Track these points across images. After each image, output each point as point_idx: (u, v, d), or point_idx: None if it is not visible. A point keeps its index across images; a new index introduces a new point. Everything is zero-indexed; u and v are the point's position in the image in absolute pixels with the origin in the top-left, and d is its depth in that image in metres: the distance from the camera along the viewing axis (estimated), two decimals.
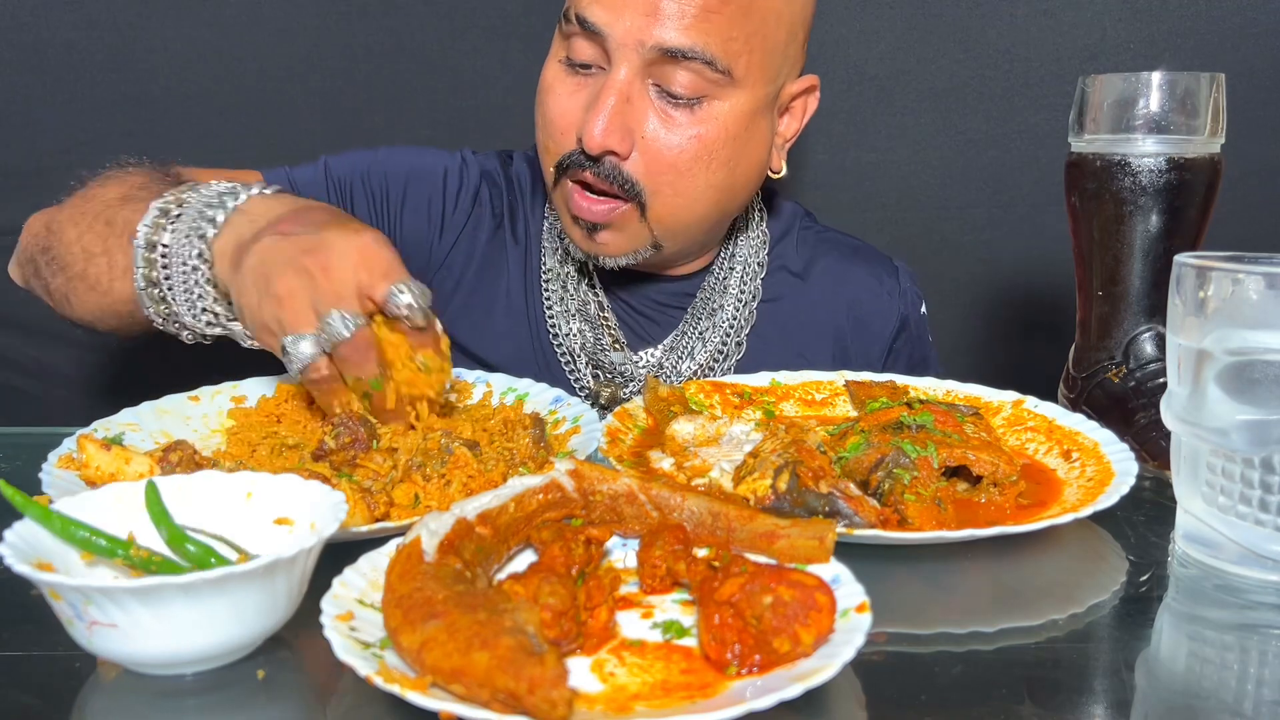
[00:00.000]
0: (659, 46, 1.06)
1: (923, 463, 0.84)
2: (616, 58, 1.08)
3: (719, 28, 1.08)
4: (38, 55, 1.77)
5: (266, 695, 0.60)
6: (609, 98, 1.08)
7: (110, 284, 1.02)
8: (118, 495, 0.67)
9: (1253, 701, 0.61)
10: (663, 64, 1.08)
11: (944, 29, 1.81)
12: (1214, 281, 0.74)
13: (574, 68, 1.13)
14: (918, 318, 1.42)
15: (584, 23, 1.09)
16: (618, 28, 1.07)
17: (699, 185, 1.14)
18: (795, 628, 0.57)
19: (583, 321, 1.28)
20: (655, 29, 1.06)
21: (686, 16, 1.06)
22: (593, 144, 1.08)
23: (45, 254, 1.08)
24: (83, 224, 1.05)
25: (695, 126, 1.11)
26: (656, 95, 1.10)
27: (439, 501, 0.79)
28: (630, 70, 1.08)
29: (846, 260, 1.40)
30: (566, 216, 1.18)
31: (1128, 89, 1.02)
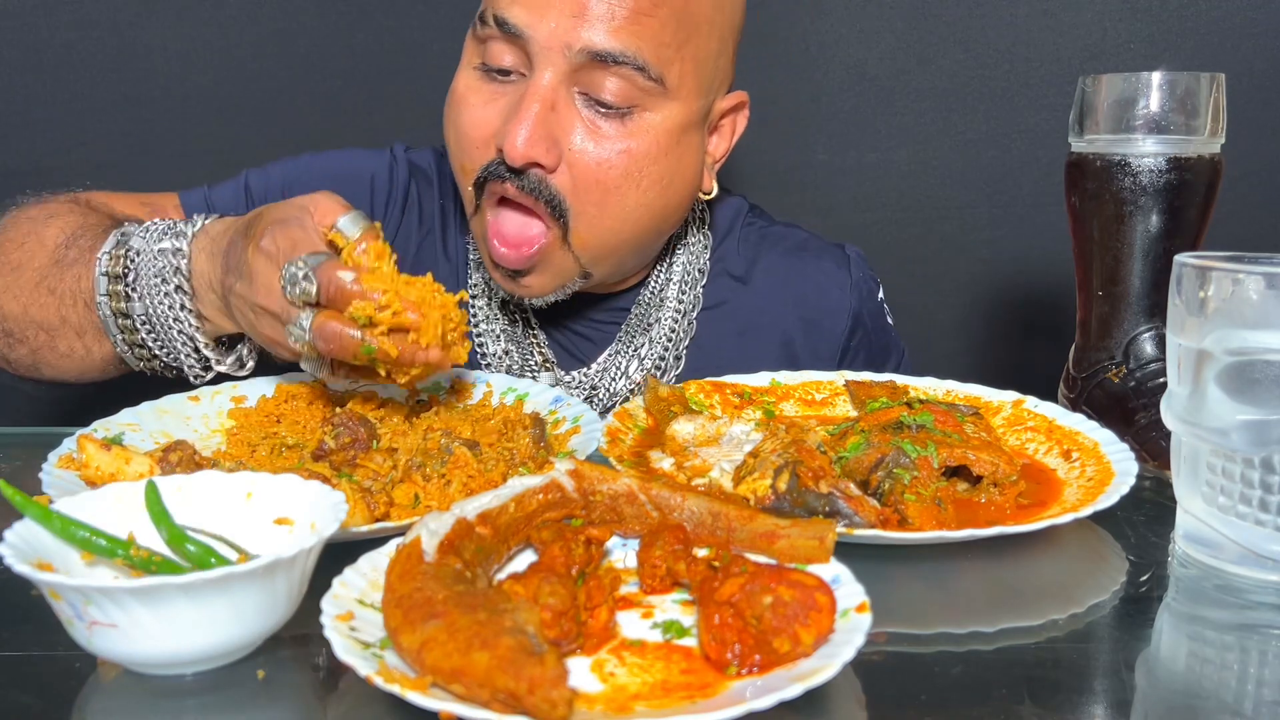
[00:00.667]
0: (587, 50, 0.99)
1: (923, 463, 0.84)
2: (540, 62, 1.01)
3: (651, 32, 1.01)
4: (38, 55, 1.77)
5: (266, 695, 0.60)
6: (532, 104, 1.00)
7: (88, 350, 1.02)
8: (118, 495, 0.67)
9: (1253, 701, 0.61)
10: (590, 70, 1.01)
11: (944, 29, 1.81)
12: (1214, 281, 0.74)
13: (490, 74, 1.05)
14: (873, 308, 1.34)
15: (503, 24, 1.01)
16: (542, 29, 0.99)
17: (628, 205, 1.06)
18: (795, 628, 0.57)
19: (509, 342, 1.22)
20: (583, 31, 0.99)
21: (616, 18, 0.99)
22: (515, 154, 1.00)
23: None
24: (23, 297, 1.02)
25: (625, 140, 1.04)
26: (583, 104, 1.03)
27: (439, 501, 0.79)
28: (555, 76, 1.01)
29: (791, 257, 1.32)
30: (486, 256, 1.11)
31: (1128, 89, 1.02)
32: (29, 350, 1.04)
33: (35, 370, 1.07)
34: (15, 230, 1.07)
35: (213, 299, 0.95)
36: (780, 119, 1.92)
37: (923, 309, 1.95)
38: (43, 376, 1.08)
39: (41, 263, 1.02)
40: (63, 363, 1.04)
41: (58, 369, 1.05)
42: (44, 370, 1.06)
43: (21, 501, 0.63)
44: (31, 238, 1.05)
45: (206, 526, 0.67)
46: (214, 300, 0.95)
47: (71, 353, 1.03)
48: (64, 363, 1.04)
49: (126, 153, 1.85)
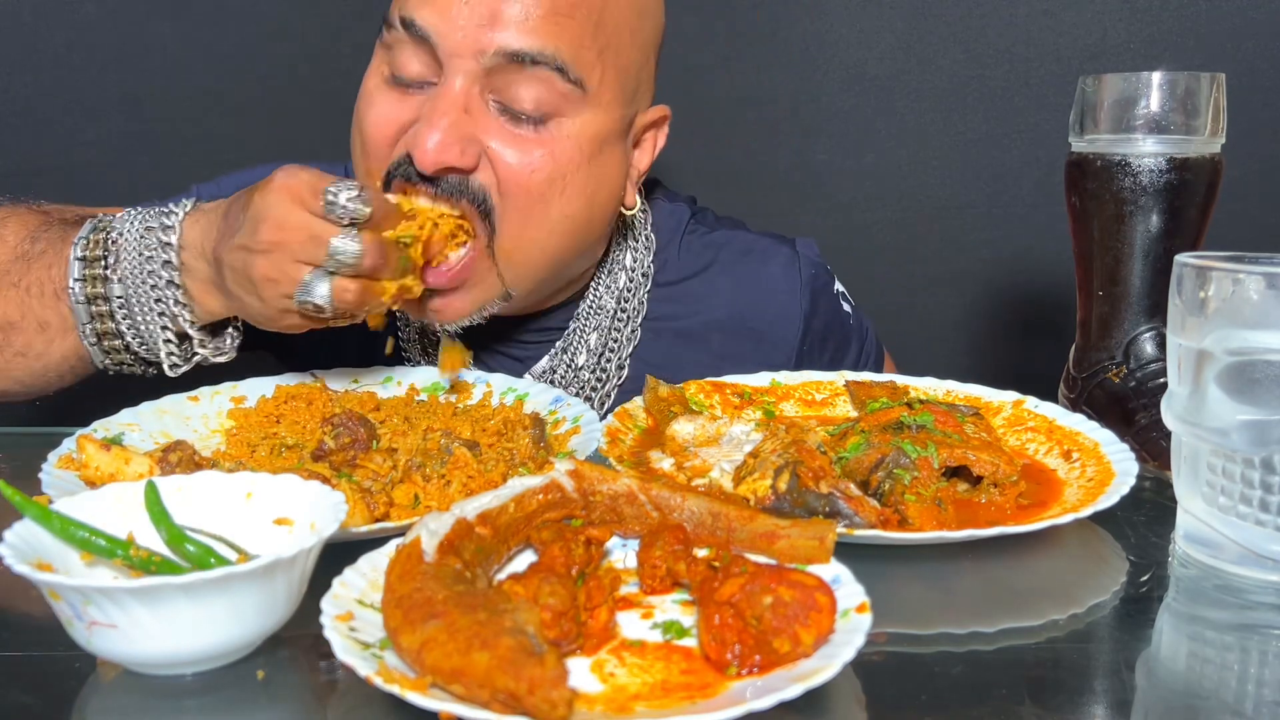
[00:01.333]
0: (503, 51, 0.95)
1: (923, 463, 0.84)
2: (451, 67, 0.97)
3: (570, 33, 0.98)
4: (38, 55, 1.77)
5: (266, 695, 0.60)
6: (444, 105, 0.96)
7: (47, 346, 0.99)
8: (117, 495, 0.67)
9: (1253, 701, 0.61)
10: (505, 74, 0.97)
11: (944, 29, 1.82)
12: (1214, 281, 0.74)
13: (398, 83, 1.01)
14: (827, 303, 1.29)
15: (410, 25, 0.97)
16: (452, 32, 0.96)
17: (552, 215, 1.02)
18: (795, 628, 0.57)
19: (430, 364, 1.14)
20: (496, 33, 0.95)
21: (531, 18, 0.96)
22: (426, 159, 0.95)
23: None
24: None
25: (545, 145, 0.99)
26: (498, 112, 0.99)
27: (439, 501, 0.79)
28: (467, 80, 0.97)
29: (736, 264, 1.26)
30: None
31: (1128, 89, 1.02)
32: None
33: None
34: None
35: (203, 269, 0.94)
36: (780, 119, 1.92)
37: (923, 309, 1.95)
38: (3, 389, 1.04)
39: (2, 259, 1.01)
40: (14, 365, 1.01)
41: (11, 374, 1.02)
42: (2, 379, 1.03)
43: (21, 501, 0.63)
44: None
45: (206, 526, 0.67)
46: (204, 270, 0.94)
47: (28, 350, 1.00)
48: (15, 364, 1.01)
49: (126, 153, 1.85)
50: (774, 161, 1.92)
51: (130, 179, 1.79)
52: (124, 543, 0.63)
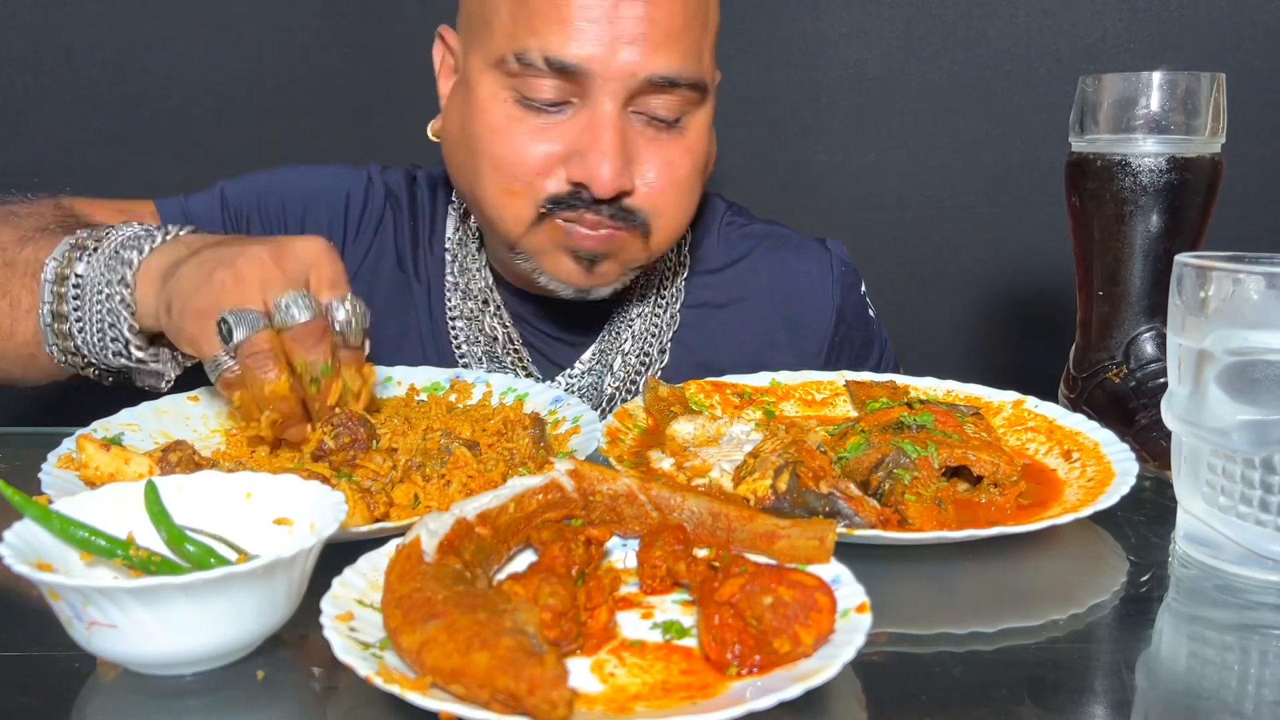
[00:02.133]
0: (653, 77, 1.01)
1: (923, 463, 0.84)
2: (602, 93, 1.01)
3: (694, 46, 1.04)
4: (38, 55, 1.77)
5: (266, 695, 0.60)
6: (611, 135, 1.02)
7: (12, 326, 0.99)
8: (117, 495, 0.67)
9: (1253, 702, 0.61)
10: (647, 92, 1.03)
11: (944, 29, 1.82)
12: (1214, 281, 0.74)
13: (530, 106, 1.04)
14: (855, 301, 1.35)
15: (563, 67, 1.00)
16: (607, 65, 1.00)
17: (693, 199, 1.12)
18: (795, 628, 0.57)
19: (490, 361, 1.22)
20: (647, 59, 1.01)
21: (670, 39, 1.01)
22: (605, 189, 1.02)
23: None
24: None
25: (683, 143, 1.08)
26: (642, 123, 1.06)
27: (439, 501, 0.79)
28: (615, 103, 1.02)
29: (772, 255, 1.33)
30: (555, 254, 1.10)
31: (1128, 89, 1.02)
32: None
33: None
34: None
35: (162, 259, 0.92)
36: (780, 119, 1.92)
37: (923, 309, 1.95)
38: None
39: (5, 240, 1.02)
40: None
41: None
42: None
43: (21, 501, 0.63)
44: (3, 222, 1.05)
45: (206, 526, 0.67)
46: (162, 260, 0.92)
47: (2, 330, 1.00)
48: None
49: (126, 153, 1.85)
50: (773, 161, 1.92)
51: (130, 179, 1.79)
52: (124, 543, 0.63)
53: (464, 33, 1.12)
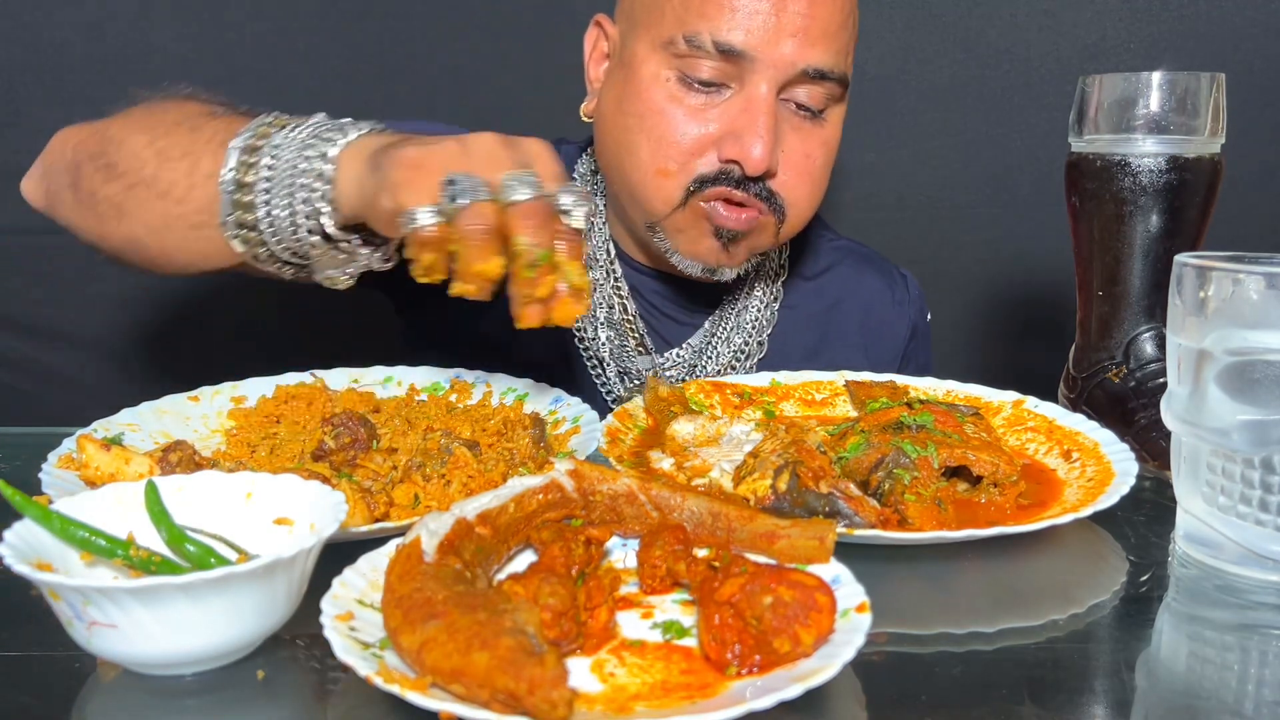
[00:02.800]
0: (809, 69, 1.09)
1: (923, 463, 0.84)
2: (759, 78, 1.09)
3: (844, 45, 1.13)
4: (38, 55, 1.77)
5: (266, 695, 0.60)
6: (766, 119, 1.09)
7: (188, 190, 0.95)
8: (118, 495, 0.67)
9: (1253, 702, 0.61)
10: (799, 83, 1.11)
11: (944, 29, 1.81)
12: (1214, 281, 0.74)
13: (689, 85, 1.11)
14: (924, 326, 1.45)
15: (729, 50, 1.07)
16: (769, 52, 1.08)
17: (822, 192, 1.19)
18: (795, 628, 0.57)
19: (609, 328, 1.26)
20: (807, 50, 1.08)
21: (827, 36, 1.10)
22: (757, 166, 1.09)
23: (95, 160, 1.00)
24: (157, 130, 0.99)
25: (822, 135, 1.15)
26: (788, 110, 1.13)
27: (439, 501, 0.79)
28: (770, 88, 1.09)
29: (859, 268, 1.42)
30: (696, 233, 1.15)
31: (1128, 89, 1.02)
32: (124, 187, 0.98)
33: (114, 215, 0.99)
34: (164, 100, 1.06)
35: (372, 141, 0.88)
36: None
37: None
38: (116, 227, 0.99)
39: (194, 111, 1.01)
40: (154, 205, 0.96)
41: (142, 214, 0.97)
42: (127, 213, 0.98)
43: (21, 501, 0.63)
44: (186, 102, 1.04)
45: (206, 526, 0.67)
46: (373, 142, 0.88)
47: (170, 190, 0.95)
48: (155, 205, 0.96)
49: None
50: None
51: None
52: (124, 543, 0.63)
53: (625, 20, 1.19)
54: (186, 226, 0.96)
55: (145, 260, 1.02)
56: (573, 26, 1.31)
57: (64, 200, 1.04)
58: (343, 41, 1.79)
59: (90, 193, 1.00)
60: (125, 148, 0.99)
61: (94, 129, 1.03)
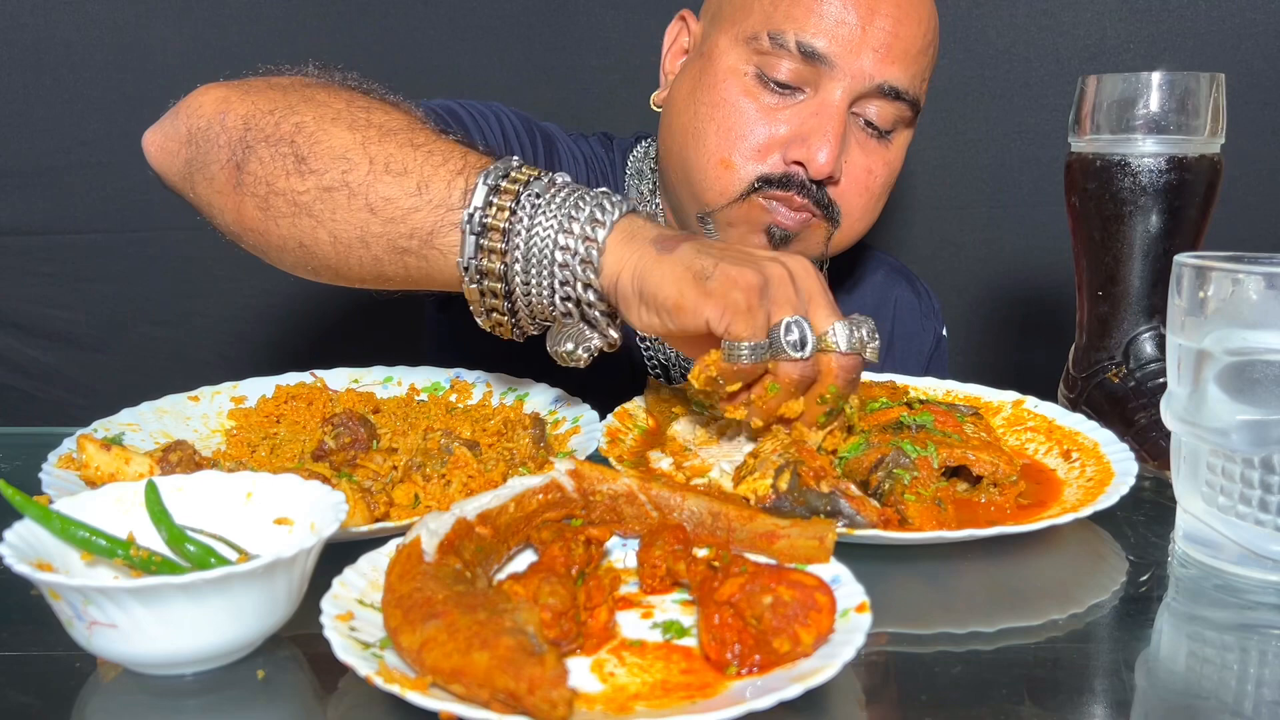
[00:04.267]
0: (885, 85, 1.11)
1: (923, 463, 0.83)
2: (835, 87, 1.10)
3: (923, 70, 1.15)
4: (38, 55, 1.77)
5: (266, 695, 0.60)
6: (836, 125, 1.10)
7: (408, 212, 0.85)
8: (118, 495, 0.67)
9: (1253, 701, 0.61)
10: (872, 98, 1.12)
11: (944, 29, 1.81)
12: (1214, 281, 0.74)
13: (766, 84, 1.12)
14: (944, 341, 1.50)
15: (812, 53, 1.09)
16: (850, 61, 1.09)
17: (877, 212, 1.20)
18: (795, 628, 0.57)
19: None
20: (886, 67, 1.10)
21: (908, 57, 1.11)
22: (821, 171, 1.10)
23: (277, 146, 0.88)
24: (367, 133, 0.88)
25: (887, 156, 1.17)
26: (857, 125, 1.14)
27: (439, 501, 0.79)
28: (845, 98, 1.10)
29: (890, 279, 1.46)
30: (747, 229, 1.16)
31: (1128, 89, 1.02)
32: (317, 187, 0.87)
33: (294, 215, 0.88)
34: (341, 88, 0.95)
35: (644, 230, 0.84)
36: None
37: None
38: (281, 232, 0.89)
39: (403, 120, 0.91)
40: (352, 216, 0.87)
41: (334, 223, 0.87)
42: (305, 220, 0.88)
43: (21, 501, 0.63)
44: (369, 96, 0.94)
45: (206, 526, 0.67)
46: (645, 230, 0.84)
47: (382, 207, 0.86)
48: (353, 217, 0.87)
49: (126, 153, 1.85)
50: None
51: (130, 179, 1.79)
52: (124, 543, 0.63)
53: (710, 15, 1.21)
54: (388, 246, 0.87)
55: (309, 265, 0.92)
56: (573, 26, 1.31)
57: (215, 179, 0.91)
58: (343, 41, 1.79)
59: (265, 181, 0.88)
60: (325, 144, 0.87)
61: (268, 102, 0.90)
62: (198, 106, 0.93)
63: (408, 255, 0.87)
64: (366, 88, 0.98)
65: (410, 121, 0.92)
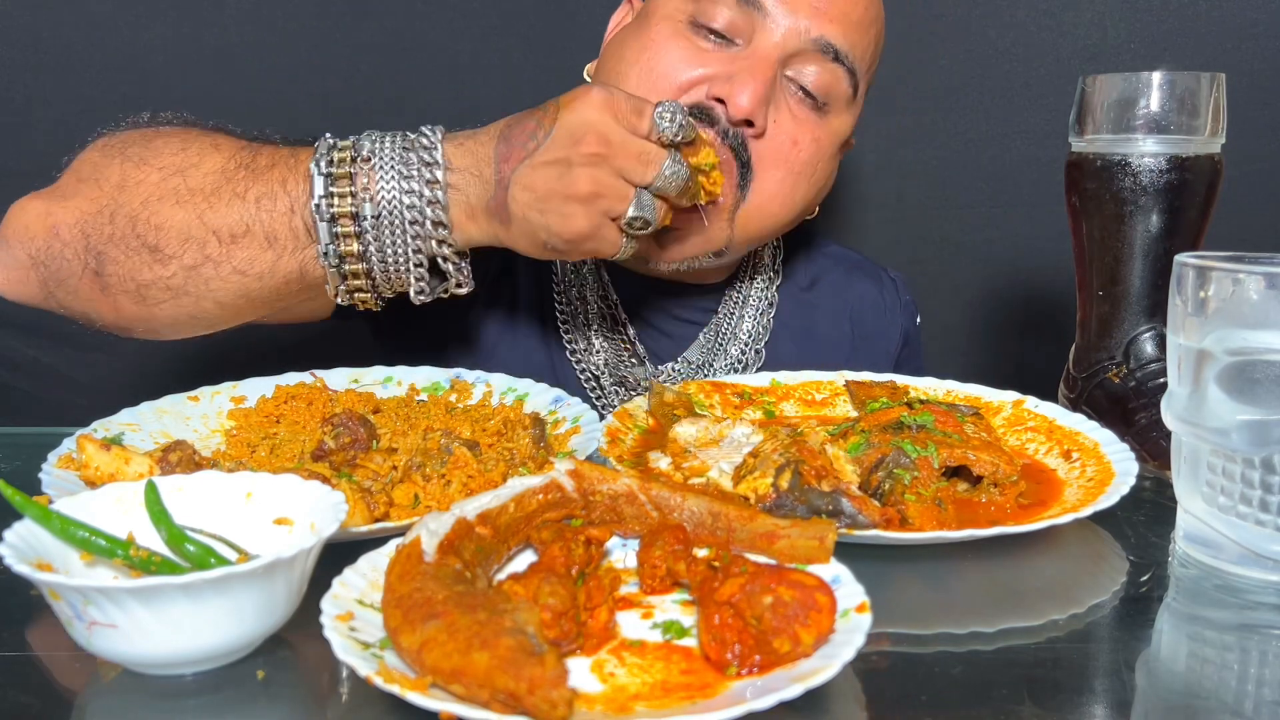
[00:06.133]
0: (822, 40, 1.07)
1: (923, 463, 0.83)
2: (769, 36, 1.06)
3: (863, 44, 1.11)
4: (38, 55, 1.77)
5: (266, 695, 0.60)
6: (764, 72, 1.05)
7: (273, 264, 0.90)
8: (118, 495, 0.67)
9: (1253, 702, 0.61)
10: (808, 57, 1.07)
11: (944, 29, 1.81)
12: (1214, 281, 0.74)
13: (700, 30, 1.08)
14: (915, 331, 1.43)
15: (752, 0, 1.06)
16: (786, 12, 1.06)
17: (796, 195, 1.12)
18: (795, 628, 0.57)
19: (600, 338, 1.24)
20: (824, 22, 1.07)
21: (848, 21, 1.08)
22: (741, 109, 1.04)
23: (122, 244, 0.89)
24: (196, 202, 0.89)
25: (817, 130, 1.10)
26: (790, 89, 1.09)
27: (439, 501, 0.79)
28: (780, 52, 1.06)
29: (849, 275, 1.40)
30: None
31: (1128, 89, 1.02)
32: (181, 269, 0.89)
33: (172, 298, 0.91)
34: (162, 138, 0.95)
35: (475, 190, 0.90)
36: None
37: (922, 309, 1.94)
38: (165, 314, 0.93)
39: (218, 166, 0.91)
40: (226, 284, 0.90)
41: (213, 294, 0.91)
42: (185, 299, 0.91)
43: (21, 501, 0.63)
44: (194, 143, 0.94)
45: (206, 526, 0.67)
46: (476, 192, 0.90)
47: (248, 269, 0.90)
48: (228, 284, 0.91)
49: None
50: None
51: None
52: (124, 543, 0.63)
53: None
54: (272, 295, 0.94)
55: (209, 328, 0.97)
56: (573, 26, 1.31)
57: (79, 290, 0.92)
58: (343, 41, 1.79)
59: (130, 277, 0.90)
60: (166, 229, 0.89)
61: (89, 203, 0.91)
62: (24, 229, 0.92)
63: (297, 293, 0.94)
64: (168, 120, 0.99)
65: (224, 162, 0.92)
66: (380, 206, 0.89)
